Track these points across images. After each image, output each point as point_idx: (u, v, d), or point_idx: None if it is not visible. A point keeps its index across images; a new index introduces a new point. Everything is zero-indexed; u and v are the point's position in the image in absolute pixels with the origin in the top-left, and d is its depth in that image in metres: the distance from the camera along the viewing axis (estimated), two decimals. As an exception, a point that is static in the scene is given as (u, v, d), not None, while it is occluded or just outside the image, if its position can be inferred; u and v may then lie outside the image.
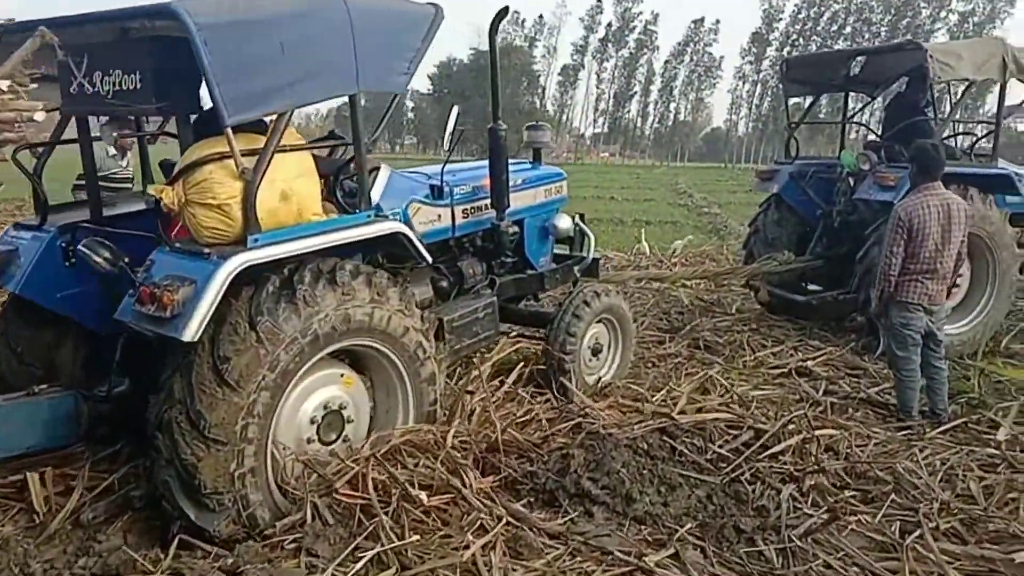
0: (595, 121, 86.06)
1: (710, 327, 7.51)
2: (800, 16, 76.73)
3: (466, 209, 5.30)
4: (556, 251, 6.43)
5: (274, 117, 3.59)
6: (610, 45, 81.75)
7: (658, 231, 16.99)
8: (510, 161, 6.05)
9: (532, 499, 4.02)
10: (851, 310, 7.62)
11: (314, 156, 4.45)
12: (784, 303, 7.95)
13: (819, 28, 75.63)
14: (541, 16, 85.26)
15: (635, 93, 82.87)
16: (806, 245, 8.21)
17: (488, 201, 5.30)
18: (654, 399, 5.24)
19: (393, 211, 4.71)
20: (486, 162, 5.25)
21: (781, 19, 78.10)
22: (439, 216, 5.10)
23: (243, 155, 3.48)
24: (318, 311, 3.65)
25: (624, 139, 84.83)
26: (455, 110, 4.83)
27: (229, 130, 3.34)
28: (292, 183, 3.70)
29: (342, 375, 4.03)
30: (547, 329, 5.60)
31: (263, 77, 3.44)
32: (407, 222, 4.81)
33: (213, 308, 3.32)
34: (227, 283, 3.34)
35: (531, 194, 5.87)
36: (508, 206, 5.30)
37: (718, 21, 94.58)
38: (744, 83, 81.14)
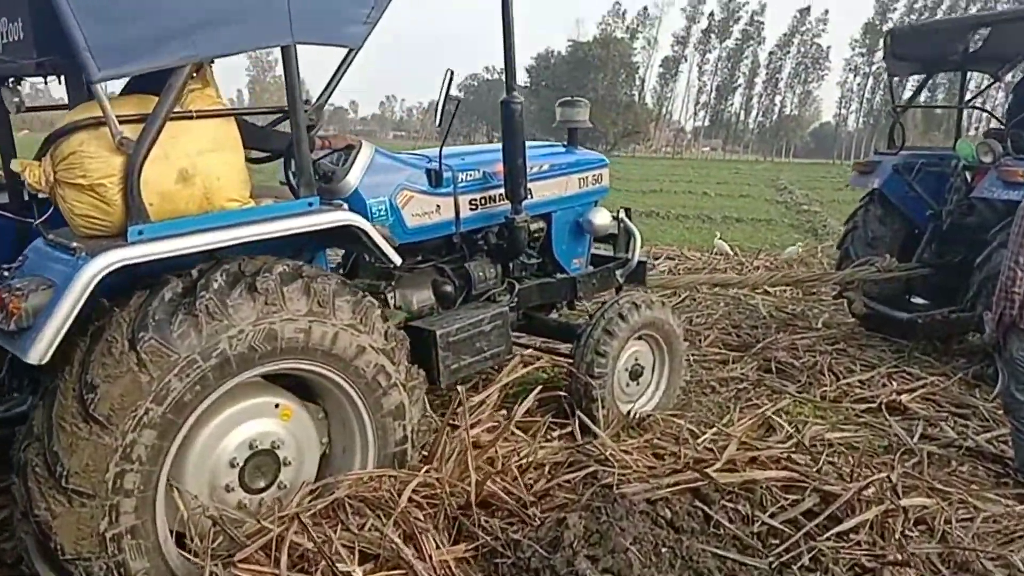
0: (695, 114, 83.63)
1: (787, 345, 6.36)
2: (916, 6, 72.29)
3: (474, 200, 4.38)
4: (598, 251, 5.46)
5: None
6: (713, 36, 79.15)
7: (749, 229, 15.70)
8: (539, 144, 5.14)
9: (511, 579, 3.08)
10: (963, 330, 6.36)
11: (258, 130, 3.64)
12: (882, 319, 6.71)
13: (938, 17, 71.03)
14: (645, 8, 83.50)
15: (739, 85, 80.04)
16: (912, 251, 6.94)
17: (503, 190, 4.38)
18: (699, 440, 4.20)
19: (377, 200, 3.87)
20: (500, 145, 4.32)
21: (896, 8, 73.81)
22: (437, 207, 4.20)
23: (130, 122, 2.68)
24: (229, 326, 2.80)
25: (726, 133, 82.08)
26: (449, 75, 3.90)
27: (99, 89, 2.54)
28: (196, 160, 2.85)
29: (277, 405, 3.18)
30: (573, 346, 4.64)
31: (148, 19, 2.61)
32: (395, 213, 3.96)
33: (69, 321, 2.52)
34: (90, 289, 2.53)
35: (561, 183, 4.90)
36: (525, 197, 4.35)
37: (827, 11, 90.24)
38: (855, 75, 77.29)
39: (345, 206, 3.31)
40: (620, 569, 2.97)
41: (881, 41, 7.27)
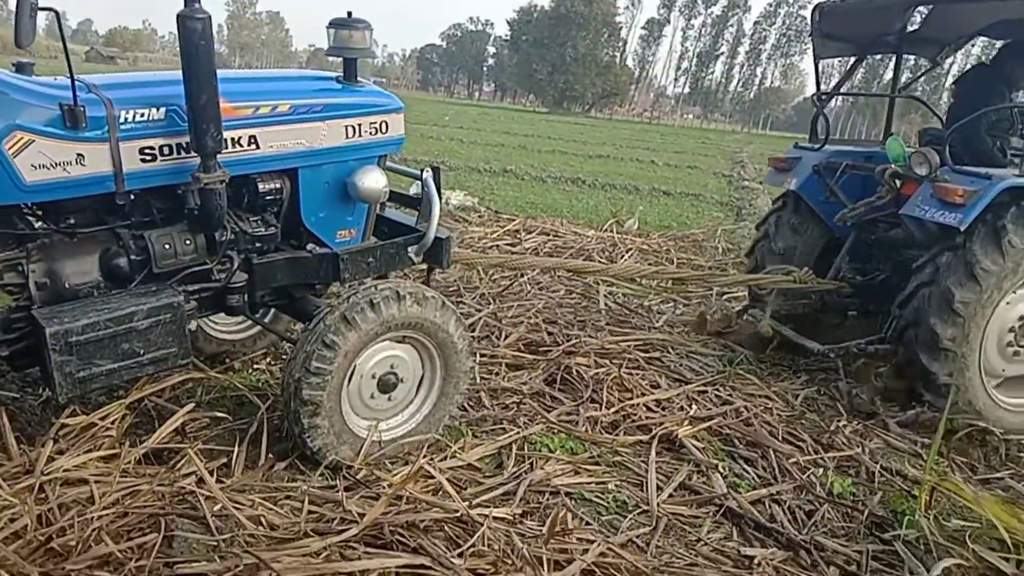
0: (675, 80, 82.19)
1: (595, 349, 5.31)
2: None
3: (149, 148, 3.33)
4: (398, 219, 4.36)
5: None
6: (699, 1, 77.36)
7: (671, 203, 14.76)
8: (293, 75, 4.19)
9: None
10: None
11: None
12: (791, 346, 5.63)
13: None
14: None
15: (721, 54, 78.47)
16: (828, 266, 5.82)
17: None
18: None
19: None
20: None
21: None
22: (78, 157, 3.18)
23: None
24: None
25: (705, 101, 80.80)
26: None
27: None
28: None
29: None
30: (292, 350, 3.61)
31: None
32: (1, 163, 2.99)
33: None
34: None
35: (312, 130, 3.71)
36: (219, 148, 3.31)
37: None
38: (839, 51, 76.07)
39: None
40: None
41: (808, 17, 6.13)
